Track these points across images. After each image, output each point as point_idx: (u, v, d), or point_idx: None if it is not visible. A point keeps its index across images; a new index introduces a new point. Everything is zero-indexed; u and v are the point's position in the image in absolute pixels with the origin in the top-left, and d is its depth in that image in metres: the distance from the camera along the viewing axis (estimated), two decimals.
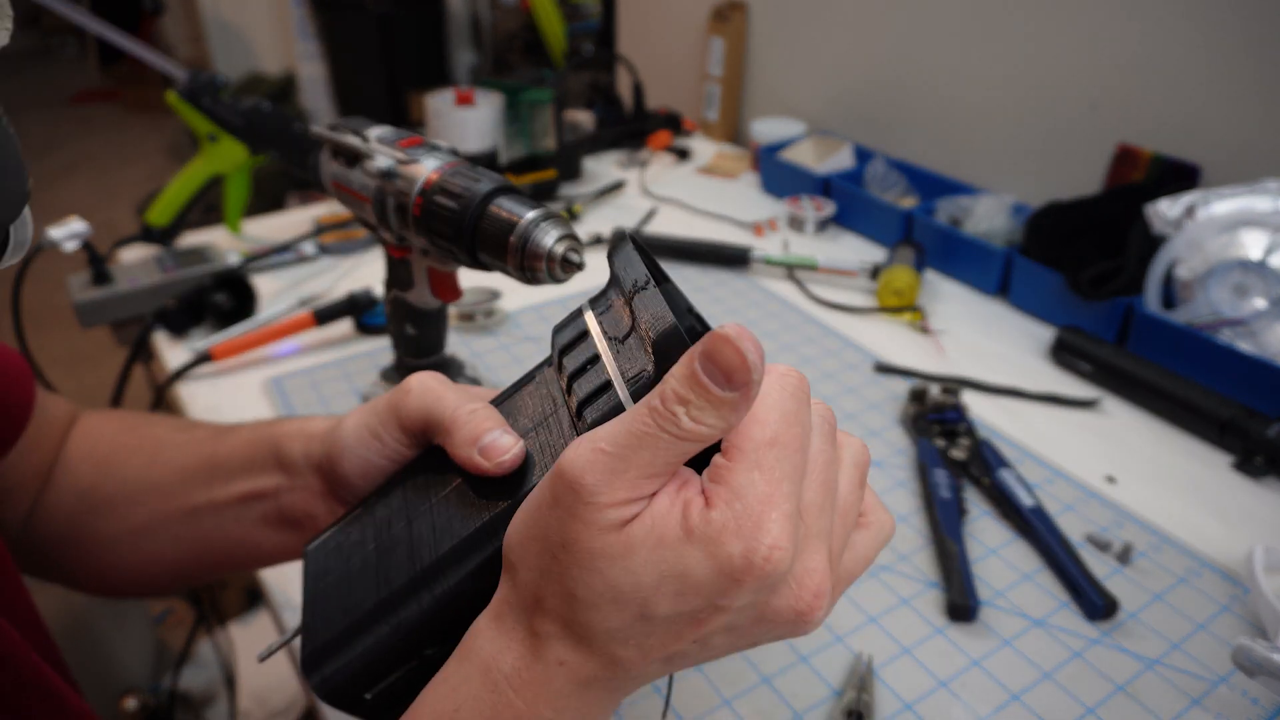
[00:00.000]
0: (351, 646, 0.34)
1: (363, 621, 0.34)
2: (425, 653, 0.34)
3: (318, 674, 0.34)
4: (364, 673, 0.34)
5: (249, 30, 3.65)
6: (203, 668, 1.46)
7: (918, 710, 0.52)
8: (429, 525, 0.35)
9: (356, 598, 0.35)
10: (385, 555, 0.35)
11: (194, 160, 1.04)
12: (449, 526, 0.34)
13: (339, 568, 0.37)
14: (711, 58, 1.52)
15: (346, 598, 0.35)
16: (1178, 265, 0.84)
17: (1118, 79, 1.00)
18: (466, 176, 0.54)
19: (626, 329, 0.33)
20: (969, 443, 0.72)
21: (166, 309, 0.88)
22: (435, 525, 0.35)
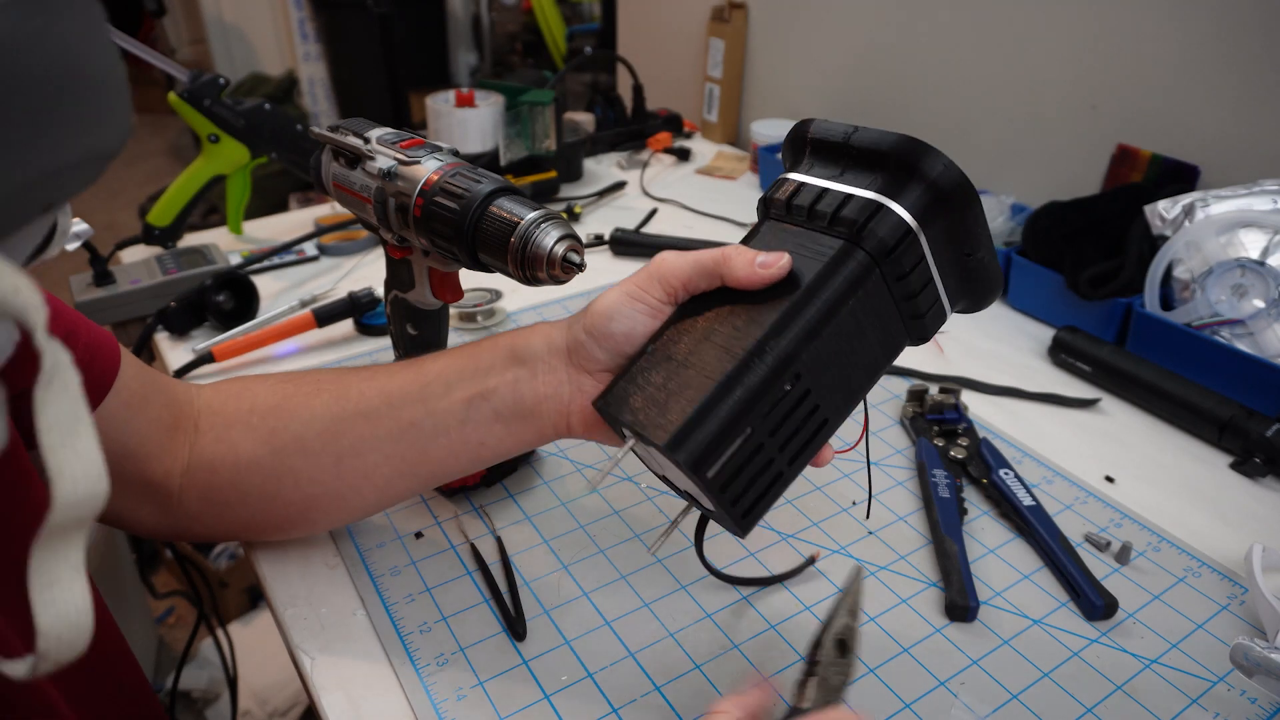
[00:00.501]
0: (707, 420, 0.41)
1: (712, 399, 0.41)
2: (760, 418, 0.42)
3: (683, 450, 0.41)
4: (716, 441, 0.41)
5: (250, 31, 3.66)
6: (204, 667, 1.46)
7: (917, 710, 0.52)
8: (732, 333, 0.43)
9: (692, 392, 0.42)
10: (697, 367, 0.43)
11: (195, 161, 1.04)
12: (753, 325, 0.43)
13: (648, 395, 0.44)
14: (711, 58, 1.52)
15: (681, 396, 0.42)
16: (1176, 265, 0.84)
17: (1118, 79, 1.00)
18: (467, 177, 0.54)
19: (839, 170, 0.45)
20: (968, 443, 0.72)
21: (168, 309, 0.88)
22: (738, 331, 0.43)
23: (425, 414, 0.52)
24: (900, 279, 0.43)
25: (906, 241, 0.42)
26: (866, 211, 0.42)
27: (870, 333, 0.44)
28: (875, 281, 0.43)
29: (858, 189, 0.43)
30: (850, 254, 0.43)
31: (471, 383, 0.51)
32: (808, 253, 0.44)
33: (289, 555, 0.62)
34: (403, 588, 0.60)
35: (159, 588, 1.70)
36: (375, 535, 0.64)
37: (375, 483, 0.55)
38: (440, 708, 0.51)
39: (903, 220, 0.42)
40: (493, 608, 0.58)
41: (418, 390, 0.53)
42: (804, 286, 0.43)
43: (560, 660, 0.55)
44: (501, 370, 0.51)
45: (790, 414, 0.43)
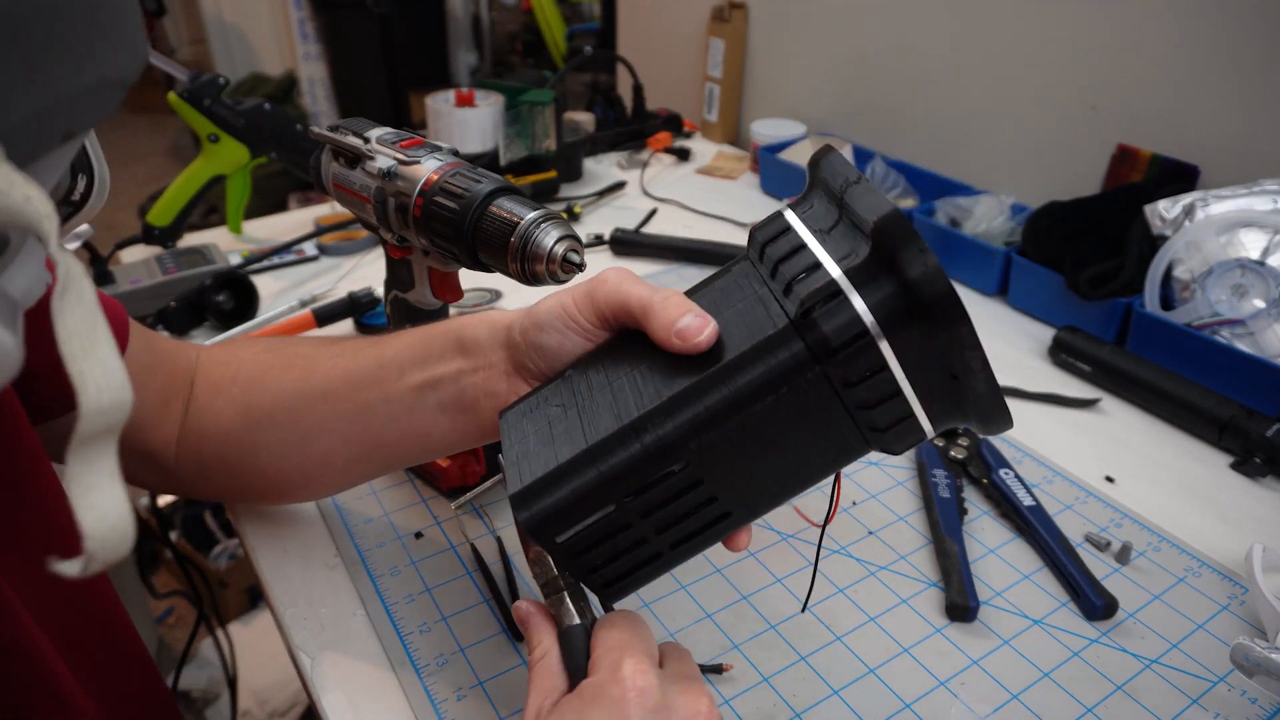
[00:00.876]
0: (559, 487, 0.38)
1: (572, 464, 0.38)
2: (624, 500, 0.38)
3: (525, 510, 0.38)
4: (566, 512, 0.38)
5: (250, 31, 3.65)
6: (204, 667, 1.46)
7: (917, 710, 0.52)
8: (632, 390, 0.39)
9: (562, 448, 0.39)
10: (588, 415, 0.40)
11: (195, 161, 1.04)
12: (653, 390, 0.38)
13: (540, 427, 0.41)
14: (711, 58, 1.52)
15: (551, 449, 0.39)
16: (1177, 265, 0.84)
17: (1118, 79, 1.00)
18: (467, 177, 0.54)
19: (832, 222, 0.37)
20: (968, 442, 0.72)
21: (168, 309, 0.88)
22: (639, 390, 0.39)
23: (380, 398, 0.51)
24: (847, 386, 0.36)
25: (858, 345, 0.35)
26: (819, 296, 0.35)
27: (801, 435, 0.37)
28: (813, 380, 0.36)
29: (830, 261, 0.35)
30: (787, 341, 0.36)
31: (422, 369, 0.50)
32: (749, 321, 0.38)
33: (289, 555, 0.62)
34: (403, 588, 0.60)
35: (159, 588, 1.70)
36: (375, 535, 0.64)
37: (335, 464, 0.55)
38: (440, 708, 0.51)
39: (857, 318, 0.34)
40: (493, 608, 0.58)
41: (375, 372, 0.52)
42: (721, 366, 0.37)
43: None
44: (449, 359, 0.49)
45: (673, 499, 0.38)
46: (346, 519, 0.65)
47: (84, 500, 0.27)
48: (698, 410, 0.37)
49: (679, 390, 0.37)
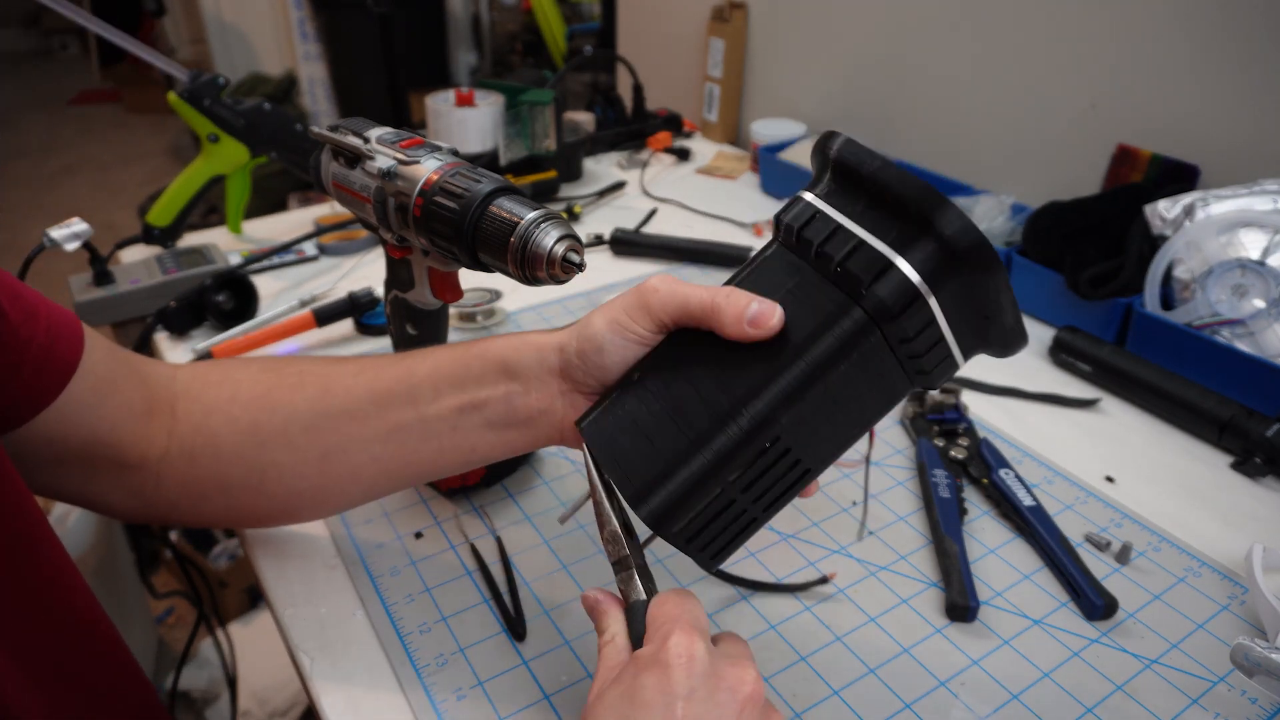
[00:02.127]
0: (670, 480, 0.41)
1: (679, 458, 0.41)
2: (729, 480, 0.41)
3: (645, 507, 0.42)
4: (680, 501, 0.41)
5: (250, 31, 3.65)
6: (204, 667, 1.46)
7: (917, 710, 0.52)
8: (714, 381, 0.42)
9: (663, 445, 0.42)
10: (677, 411, 0.42)
11: (195, 161, 1.04)
12: (735, 377, 0.42)
13: (628, 430, 0.44)
14: (711, 58, 1.52)
15: (652, 447, 0.42)
16: (1177, 265, 0.84)
17: (1117, 79, 1.00)
18: (467, 177, 0.54)
19: (861, 202, 0.41)
20: (968, 443, 0.72)
21: (167, 309, 0.88)
22: (720, 380, 0.42)
23: (415, 418, 0.51)
24: (904, 341, 0.40)
25: (914, 306, 0.39)
26: (873, 268, 0.39)
27: (865, 390, 0.42)
28: (875, 342, 0.40)
29: (871, 236, 0.40)
30: (848, 312, 0.40)
31: (463, 391, 0.50)
32: (806, 301, 0.42)
33: (289, 555, 0.62)
34: (403, 588, 0.60)
35: (159, 588, 1.70)
36: (375, 535, 0.64)
37: (361, 481, 0.54)
38: (440, 708, 0.51)
39: (909, 282, 0.39)
40: (493, 608, 0.58)
41: (406, 392, 0.51)
42: (793, 345, 0.41)
43: (560, 660, 0.55)
44: (494, 383, 0.50)
45: (767, 471, 0.42)
46: (346, 519, 0.65)
47: None
48: (783, 388, 0.41)
49: (763, 374, 0.41)
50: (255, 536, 0.64)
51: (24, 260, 0.86)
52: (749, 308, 0.41)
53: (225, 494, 0.55)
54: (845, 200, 0.42)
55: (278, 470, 0.54)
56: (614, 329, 0.46)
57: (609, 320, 0.46)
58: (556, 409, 0.49)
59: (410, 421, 0.51)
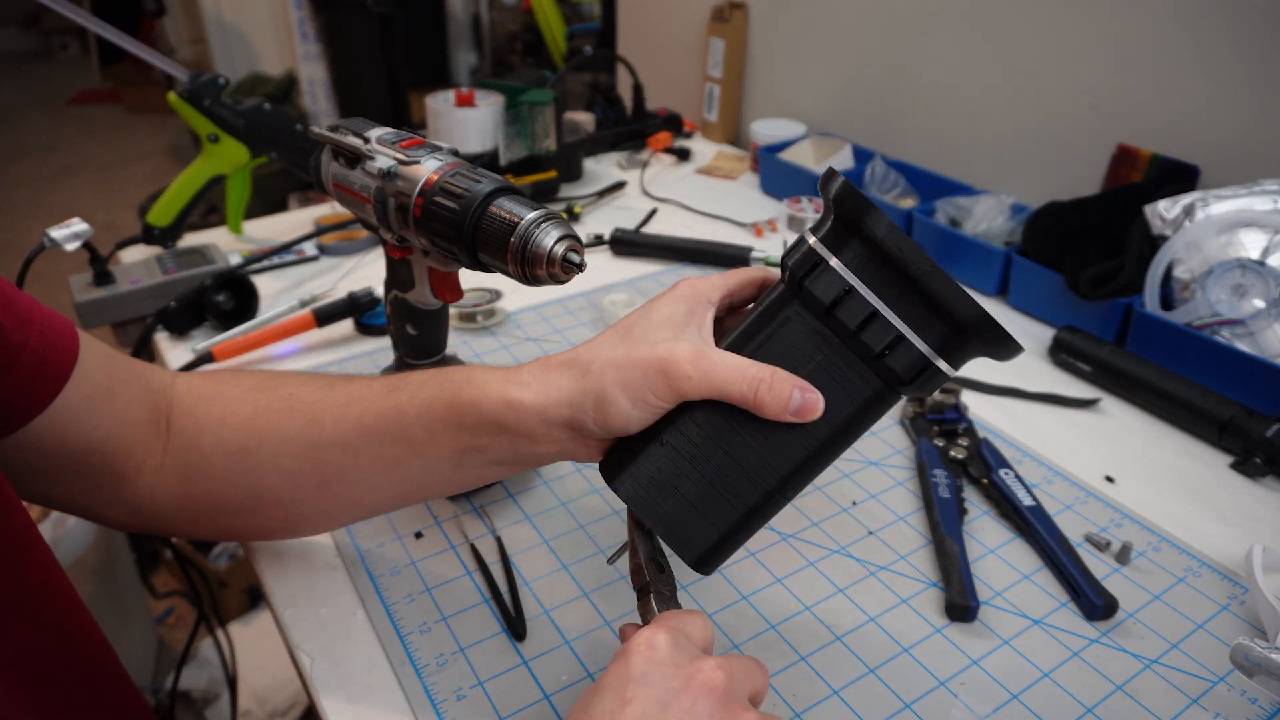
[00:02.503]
0: (725, 545, 0.46)
1: (735, 529, 0.45)
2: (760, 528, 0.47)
3: (704, 567, 0.46)
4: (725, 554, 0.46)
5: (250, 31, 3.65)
6: (204, 667, 1.46)
7: (917, 710, 0.52)
8: (754, 454, 0.45)
9: (716, 516, 0.45)
10: (721, 482, 0.45)
11: (195, 161, 1.04)
12: (775, 450, 0.44)
13: (671, 496, 0.45)
14: (711, 58, 1.52)
15: (704, 517, 0.45)
16: (1176, 265, 0.84)
17: (1117, 79, 1.00)
18: (467, 177, 0.54)
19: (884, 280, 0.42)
20: (968, 442, 0.72)
21: (168, 309, 0.88)
22: (762, 453, 0.44)
23: (410, 453, 0.50)
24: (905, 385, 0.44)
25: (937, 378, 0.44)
26: (917, 368, 0.43)
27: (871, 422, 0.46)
28: (891, 401, 0.45)
29: (912, 334, 0.42)
30: (886, 397, 0.44)
31: (460, 436, 0.48)
32: (837, 378, 0.44)
33: (289, 555, 0.62)
34: (403, 588, 0.60)
35: (159, 588, 1.70)
36: (375, 535, 0.64)
37: (364, 505, 0.54)
38: (440, 708, 0.51)
39: (941, 372, 0.43)
40: (493, 608, 0.58)
41: (398, 431, 0.50)
42: (835, 428, 0.44)
43: (560, 660, 0.55)
44: (492, 435, 0.48)
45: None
46: None
47: None
48: (819, 459, 0.45)
49: (802, 449, 0.44)
50: None
51: (24, 260, 0.86)
52: (792, 398, 0.43)
53: (221, 514, 0.55)
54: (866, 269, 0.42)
55: (274, 496, 0.53)
56: (636, 404, 0.44)
57: (630, 395, 0.44)
58: (568, 450, 0.48)
59: (406, 457, 0.50)
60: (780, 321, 0.45)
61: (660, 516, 0.45)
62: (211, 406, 0.54)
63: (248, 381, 0.56)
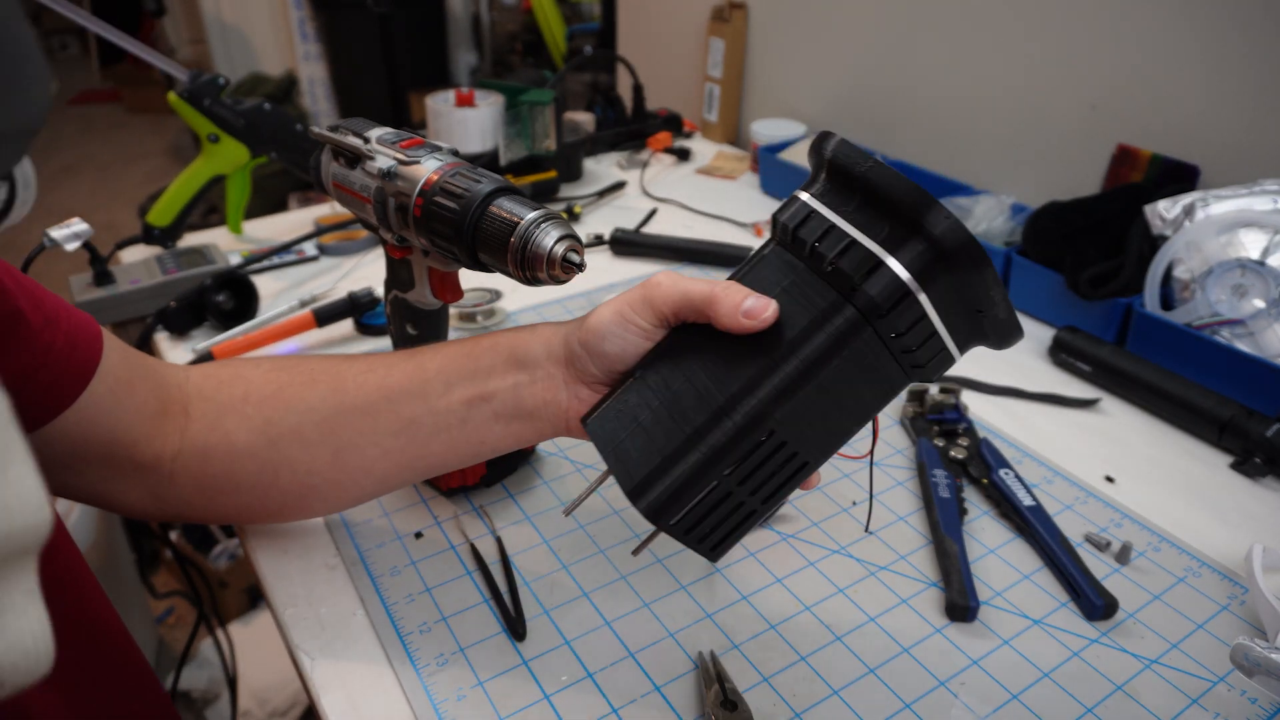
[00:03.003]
0: (668, 474, 0.43)
1: (676, 453, 0.43)
2: (725, 473, 0.42)
3: (643, 500, 0.43)
4: (676, 495, 0.43)
5: (250, 31, 3.65)
6: (204, 667, 1.46)
7: (917, 710, 0.52)
8: (709, 377, 0.44)
9: (661, 440, 0.43)
10: (674, 406, 0.44)
11: (195, 161, 1.04)
12: (730, 373, 0.43)
13: (629, 426, 0.45)
14: (711, 58, 1.52)
15: (649, 443, 0.44)
16: (1176, 265, 0.84)
17: (1117, 80, 1.00)
18: (467, 177, 0.54)
19: (854, 201, 0.42)
20: (968, 443, 0.72)
21: (168, 309, 0.88)
22: (716, 375, 0.43)
23: (426, 411, 0.52)
24: (896, 336, 0.41)
25: (904, 303, 0.40)
26: (864, 267, 0.40)
27: (860, 384, 0.43)
28: (867, 338, 0.41)
29: (862, 235, 0.41)
30: (841, 310, 0.41)
31: (472, 384, 0.51)
32: (801, 298, 0.43)
33: (289, 555, 0.62)
34: (403, 588, 0.60)
35: (159, 588, 1.70)
36: (375, 535, 0.64)
37: (374, 475, 0.56)
38: (440, 708, 0.51)
39: (899, 280, 0.40)
40: (493, 608, 0.58)
41: (418, 387, 0.53)
42: (787, 341, 0.42)
43: (560, 660, 0.55)
44: (502, 374, 0.51)
45: (763, 464, 0.43)
46: (346, 519, 0.65)
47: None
48: (776, 383, 0.42)
49: (757, 369, 0.42)
50: (255, 537, 0.64)
51: (24, 260, 0.86)
52: (744, 301, 0.43)
53: (237, 491, 0.56)
54: (839, 200, 0.42)
55: (290, 466, 0.55)
56: (617, 320, 0.47)
57: (613, 311, 0.48)
58: (561, 400, 0.50)
59: (421, 415, 0.53)
60: (758, 257, 0.46)
61: (614, 445, 0.45)
62: (234, 388, 0.57)
63: (268, 363, 0.59)
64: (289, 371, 0.57)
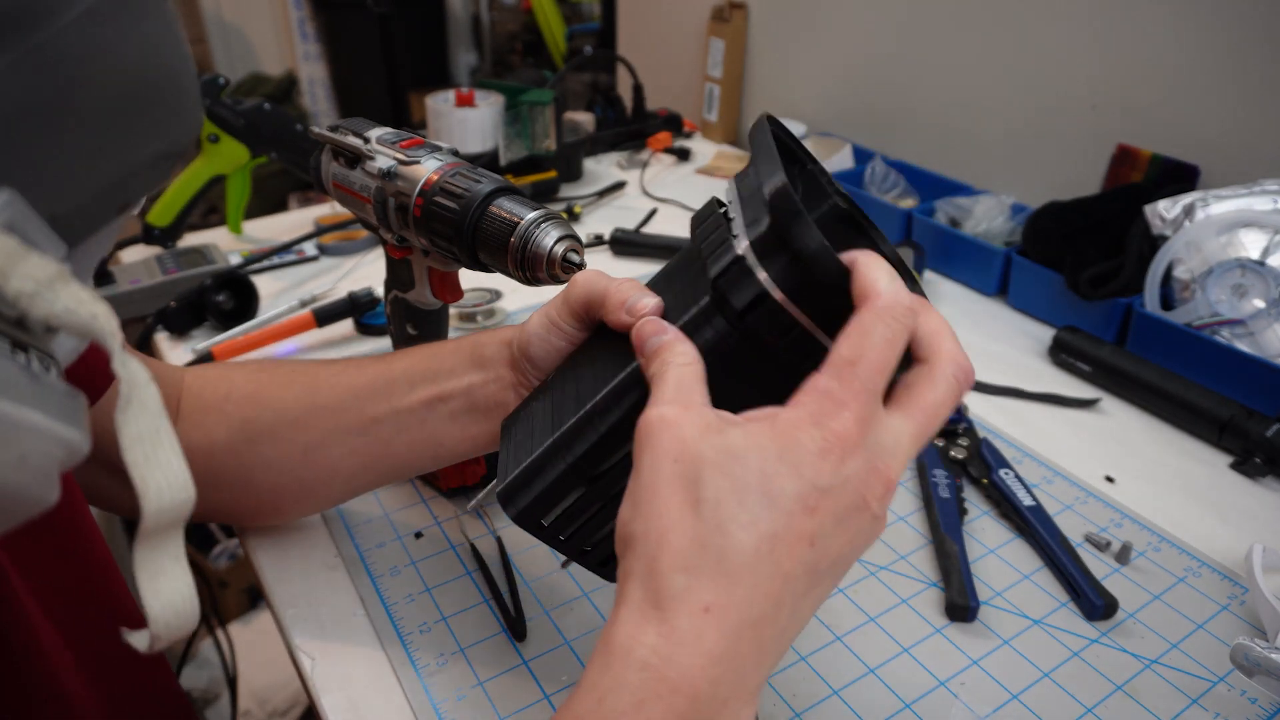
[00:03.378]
0: (535, 481, 0.40)
1: (542, 457, 0.40)
2: (593, 481, 0.40)
3: (511, 506, 0.40)
4: (545, 499, 0.40)
5: (250, 31, 3.65)
6: (204, 667, 1.46)
7: (917, 710, 0.52)
8: (591, 378, 0.41)
9: (536, 442, 0.41)
10: (558, 408, 0.41)
11: (195, 161, 1.04)
12: (606, 375, 0.40)
13: (525, 427, 0.43)
14: (711, 58, 1.52)
15: (529, 445, 0.41)
16: (1176, 265, 0.84)
17: (1118, 80, 1.00)
18: (467, 177, 0.54)
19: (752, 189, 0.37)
20: (968, 442, 0.72)
21: (168, 309, 0.88)
22: (595, 377, 0.40)
23: (389, 411, 0.53)
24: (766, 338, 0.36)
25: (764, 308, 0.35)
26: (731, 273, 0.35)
27: (740, 385, 0.37)
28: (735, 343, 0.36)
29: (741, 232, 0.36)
30: (711, 315, 0.37)
31: (433, 384, 0.52)
32: (688, 298, 0.38)
33: (289, 555, 0.62)
34: (403, 588, 0.60)
35: None
36: (375, 535, 0.64)
37: (340, 474, 0.56)
38: (440, 708, 0.51)
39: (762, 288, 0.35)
40: (493, 608, 0.58)
41: (383, 386, 0.54)
42: None
43: (560, 660, 0.55)
44: (462, 373, 0.52)
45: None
46: (346, 519, 0.65)
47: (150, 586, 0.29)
48: (642, 389, 0.37)
49: (624, 373, 0.38)
50: (255, 536, 0.64)
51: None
52: (630, 295, 0.40)
53: (216, 488, 0.57)
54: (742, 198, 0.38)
55: (264, 464, 0.56)
56: (542, 323, 0.47)
57: (541, 314, 0.47)
58: (509, 401, 0.50)
59: (385, 414, 0.53)
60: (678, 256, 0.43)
61: (508, 444, 0.43)
62: (217, 388, 0.58)
63: (253, 365, 0.61)
64: (269, 372, 0.58)
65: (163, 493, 0.28)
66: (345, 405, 0.54)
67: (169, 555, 0.29)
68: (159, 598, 0.29)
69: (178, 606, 0.29)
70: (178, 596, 0.29)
